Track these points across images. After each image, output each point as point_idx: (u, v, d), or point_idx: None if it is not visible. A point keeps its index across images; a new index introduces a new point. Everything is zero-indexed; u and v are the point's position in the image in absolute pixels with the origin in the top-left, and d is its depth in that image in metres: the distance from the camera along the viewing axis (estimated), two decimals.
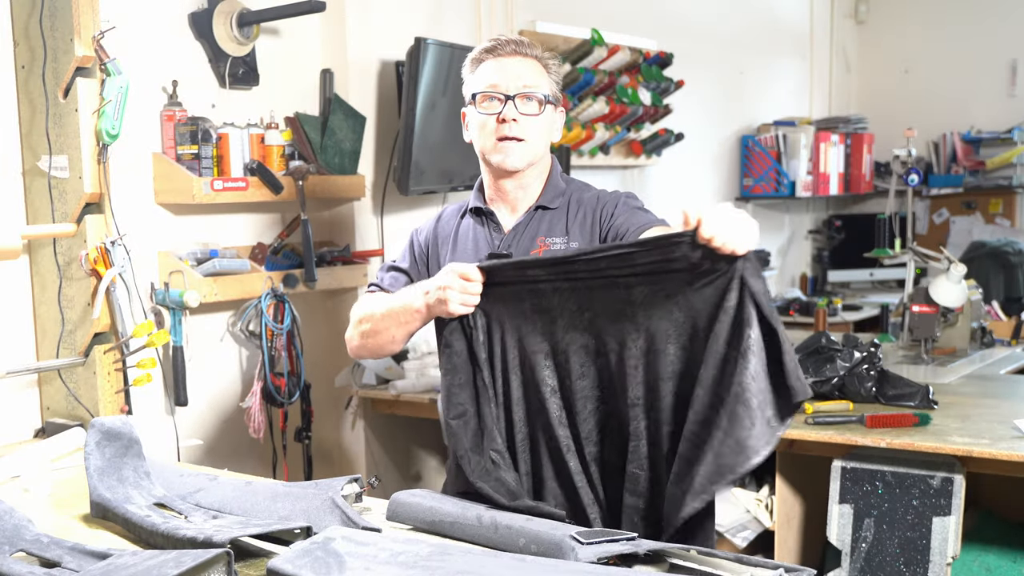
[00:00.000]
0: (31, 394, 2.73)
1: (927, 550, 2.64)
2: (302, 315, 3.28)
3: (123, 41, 2.67)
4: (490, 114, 2.05)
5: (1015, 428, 2.66)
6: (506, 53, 2.07)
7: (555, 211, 2.12)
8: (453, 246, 2.16)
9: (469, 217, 2.17)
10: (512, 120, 2.03)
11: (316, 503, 1.80)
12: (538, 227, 2.10)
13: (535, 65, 2.08)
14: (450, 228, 2.20)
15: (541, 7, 4.38)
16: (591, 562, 1.51)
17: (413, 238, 2.24)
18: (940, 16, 6.64)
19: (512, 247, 2.08)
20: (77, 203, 2.53)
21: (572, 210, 2.12)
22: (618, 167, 4.88)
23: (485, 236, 2.13)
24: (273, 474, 3.28)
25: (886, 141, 6.25)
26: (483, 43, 2.12)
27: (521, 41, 2.10)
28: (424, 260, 2.20)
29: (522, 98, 2.04)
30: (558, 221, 2.10)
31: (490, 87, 2.05)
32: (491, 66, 2.07)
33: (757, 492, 3.15)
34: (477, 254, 2.10)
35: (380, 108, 3.61)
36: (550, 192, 2.13)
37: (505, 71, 2.05)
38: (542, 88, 2.07)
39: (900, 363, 3.69)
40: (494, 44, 2.08)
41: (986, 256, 5.63)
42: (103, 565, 1.51)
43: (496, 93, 2.05)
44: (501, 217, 2.14)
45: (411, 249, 2.23)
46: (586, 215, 2.10)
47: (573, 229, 2.09)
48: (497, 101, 2.05)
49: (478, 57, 2.10)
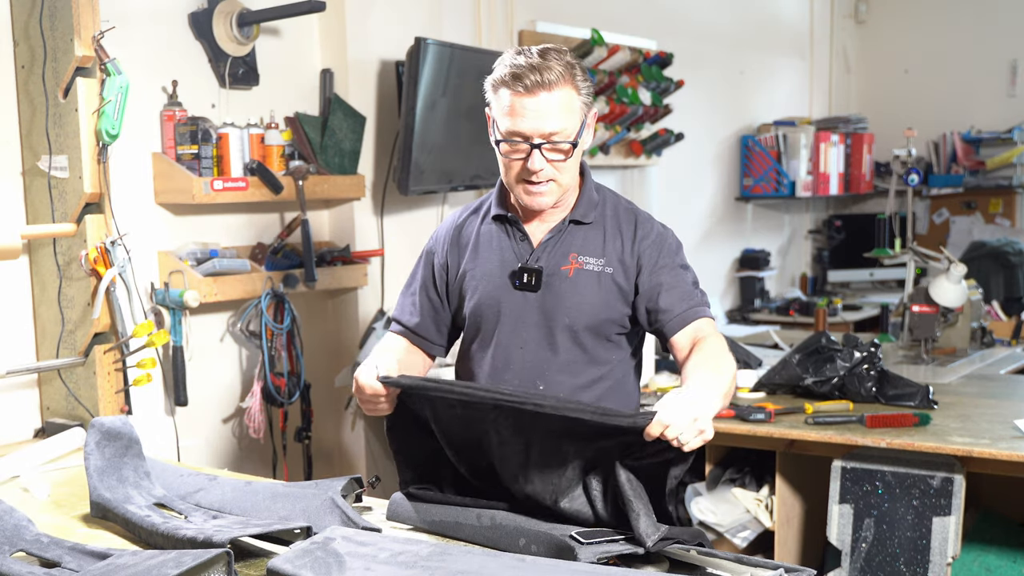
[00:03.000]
0: (31, 394, 2.73)
1: (927, 550, 2.64)
2: (302, 315, 3.28)
3: (123, 41, 2.67)
4: (515, 159, 1.91)
5: (1015, 428, 2.66)
6: (528, 90, 1.84)
7: (589, 226, 2.01)
8: (474, 252, 2.05)
9: (492, 223, 2.05)
10: (539, 170, 1.89)
11: (316, 503, 1.80)
12: (571, 242, 1.99)
13: (562, 96, 1.86)
14: (470, 232, 2.08)
15: (541, 7, 4.38)
16: (591, 562, 1.51)
17: (427, 248, 2.13)
18: (940, 16, 6.64)
19: (541, 261, 1.99)
20: (77, 203, 2.53)
21: (610, 226, 2.01)
22: (618, 167, 4.88)
23: (511, 247, 2.02)
24: (273, 474, 3.28)
25: (886, 141, 6.26)
26: (508, 62, 1.88)
27: (545, 68, 1.84)
28: (444, 267, 2.09)
29: (548, 147, 1.88)
30: (594, 238, 2.00)
31: (514, 134, 1.88)
32: (512, 105, 1.86)
33: (757, 492, 3.15)
34: (503, 266, 2.01)
35: (380, 108, 3.61)
36: (584, 205, 2.01)
37: (527, 116, 1.85)
38: (570, 127, 1.88)
39: (900, 363, 3.69)
40: (516, 72, 1.85)
41: (986, 256, 5.63)
42: (103, 565, 1.51)
43: (518, 142, 1.88)
44: (528, 227, 2.03)
45: (426, 261, 2.12)
46: (624, 236, 2.00)
47: (609, 252, 1.98)
48: (520, 150, 1.89)
49: (501, 85, 1.88)
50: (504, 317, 2.01)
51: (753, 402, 3.05)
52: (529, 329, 1.99)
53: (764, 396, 3.16)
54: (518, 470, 1.75)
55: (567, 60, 1.89)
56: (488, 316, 2.02)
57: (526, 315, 2.00)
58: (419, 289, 2.12)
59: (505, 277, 2.01)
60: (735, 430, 2.85)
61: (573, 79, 1.88)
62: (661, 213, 5.15)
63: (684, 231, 5.21)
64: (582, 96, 1.90)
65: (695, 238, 5.45)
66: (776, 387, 3.17)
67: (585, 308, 1.97)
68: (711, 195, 5.66)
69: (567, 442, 1.72)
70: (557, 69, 1.85)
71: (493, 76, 1.91)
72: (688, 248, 2.10)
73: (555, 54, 1.88)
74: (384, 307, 3.60)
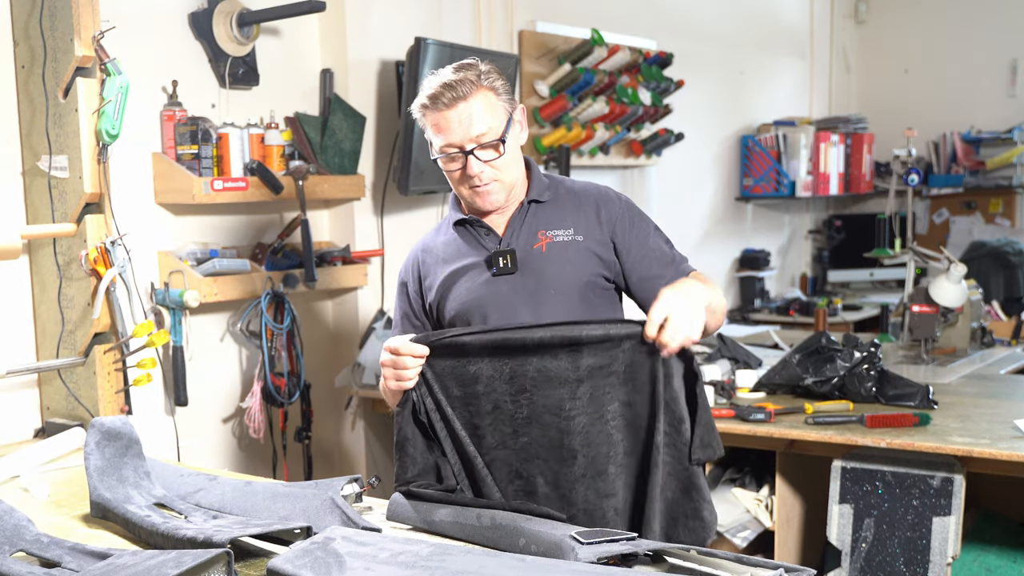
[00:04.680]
0: (31, 394, 2.73)
1: (927, 550, 2.64)
2: (302, 315, 3.28)
3: (123, 41, 2.67)
4: (455, 171, 2.01)
5: (1015, 428, 2.66)
6: (448, 105, 1.95)
7: (547, 204, 2.09)
8: (444, 262, 2.11)
9: (453, 231, 2.12)
10: (479, 173, 1.99)
11: (316, 503, 1.80)
12: (535, 221, 2.07)
13: (479, 101, 1.96)
14: (436, 249, 2.14)
15: (541, 7, 4.38)
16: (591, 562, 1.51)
17: (401, 280, 2.20)
18: (940, 16, 6.64)
19: (512, 243, 2.06)
20: (77, 203, 2.53)
21: (567, 202, 2.09)
22: (618, 167, 4.88)
23: (479, 243, 2.08)
24: (273, 474, 3.28)
25: (886, 141, 6.26)
26: (426, 86, 1.99)
27: (456, 82, 1.95)
28: (419, 295, 2.15)
29: (479, 149, 1.97)
30: (556, 213, 2.08)
31: (447, 146, 1.98)
32: (439, 122, 1.97)
33: (757, 492, 3.15)
34: (476, 262, 2.07)
35: (380, 108, 3.61)
36: (536, 187, 2.09)
37: (452, 128, 1.96)
38: (496, 126, 1.98)
39: (900, 363, 3.69)
40: (433, 94, 1.96)
41: (986, 256, 5.63)
42: (103, 565, 1.51)
43: (452, 152, 1.98)
44: (489, 221, 2.09)
45: (400, 293, 2.19)
46: (586, 210, 2.08)
47: (578, 222, 2.06)
48: (457, 159, 1.99)
49: (424, 109, 2.00)
50: (491, 308, 2.04)
51: (753, 402, 3.05)
52: (520, 312, 2.03)
53: (764, 396, 3.16)
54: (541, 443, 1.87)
55: (479, 69, 1.99)
56: (475, 312, 2.05)
57: (513, 300, 2.03)
58: (401, 319, 2.18)
59: (482, 271, 2.06)
60: (735, 430, 2.85)
61: (487, 84, 1.98)
62: (661, 213, 5.16)
63: (684, 231, 5.30)
64: (501, 97, 2.00)
65: (695, 238, 5.45)
66: (776, 387, 3.17)
67: (567, 275, 2.03)
68: (711, 195, 5.66)
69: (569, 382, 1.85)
70: (469, 79, 1.96)
71: (416, 102, 2.01)
72: (688, 248, 2.13)
73: (466, 67, 1.99)
74: (384, 307, 3.61)
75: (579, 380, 1.85)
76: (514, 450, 1.89)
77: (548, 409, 1.86)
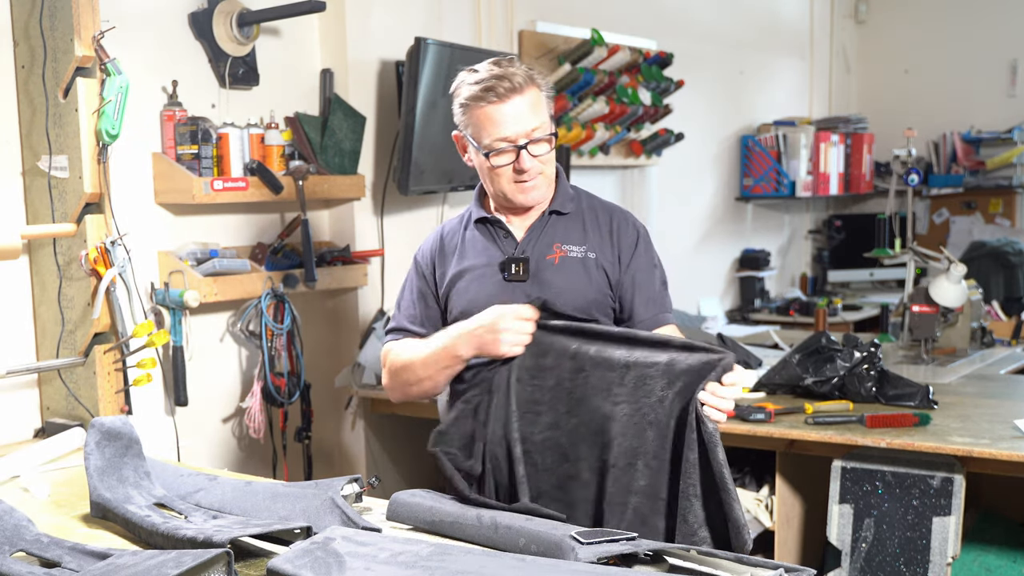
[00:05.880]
0: (31, 394, 2.73)
1: (927, 550, 2.64)
2: (302, 315, 3.28)
3: (123, 41, 2.67)
4: (506, 165, 2.02)
5: (1015, 428, 2.66)
6: (501, 97, 1.96)
7: (568, 216, 2.12)
8: (461, 256, 2.13)
9: (474, 227, 2.15)
10: (530, 167, 2.01)
11: (316, 503, 1.80)
12: (553, 232, 2.10)
13: (531, 95, 2.00)
14: (456, 240, 2.17)
15: (541, 7, 4.38)
16: (591, 562, 1.51)
17: (416, 260, 2.21)
18: (940, 16, 6.64)
19: (527, 252, 2.08)
20: (77, 203, 2.53)
21: (588, 218, 2.12)
22: (618, 167, 4.88)
23: (497, 245, 2.11)
24: (273, 474, 3.28)
25: (886, 141, 6.25)
26: (472, 80, 2.00)
27: (508, 75, 1.97)
28: (432, 278, 2.17)
29: (533, 144, 2.00)
30: (574, 228, 2.11)
31: (500, 140, 1.99)
32: (492, 115, 1.98)
33: (757, 492, 3.15)
34: (491, 263, 2.09)
35: (380, 108, 3.61)
36: (561, 197, 2.12)
37: (506, 120, 1.98)
38: (545, 122, 2.02)
39: (900, 363, 3.69)
40: (487, 86, 1.97)
41: (986, 256, 5.63)
42: (103, 565, 1.51)
43: (507, 147, 2.00)
44: (510, 224, 2.12)
45: (416, 272, 2.20)
46: (601, 228, 2.11)
47: (592, 239, 2.10)
48: (510, 153, 2.01)
49: (474, 102, 1.99)
50: None
51: (753, 402, 3.05)
52: None
53: (764, 396, 3.16)
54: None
55: (524, 65, 2.04)
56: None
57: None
58: (417, 299, 2.18)
59: (494, 274, 2.08)
60: (735, 430, 2.85)
61: (534, 80, 2.02)
62: (661, 213, 5.17)
63: (684, 231, 5.30)
64: (544, 92, 2.04)
65: (695, 238, 5.45)
66: (776, 387, 3.17)
67: (575, 291, 2.05)
68: (711, 195, 5.66)
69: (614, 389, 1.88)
70: (519, 73, 1.99)
71: (463, 97, 2.02)
72: (688, 248, 2.15)
73: (508, 62, 2.02)
74: (384, 307, 3.60)
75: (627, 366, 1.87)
76: (565, 431, 1.91)
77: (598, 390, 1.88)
